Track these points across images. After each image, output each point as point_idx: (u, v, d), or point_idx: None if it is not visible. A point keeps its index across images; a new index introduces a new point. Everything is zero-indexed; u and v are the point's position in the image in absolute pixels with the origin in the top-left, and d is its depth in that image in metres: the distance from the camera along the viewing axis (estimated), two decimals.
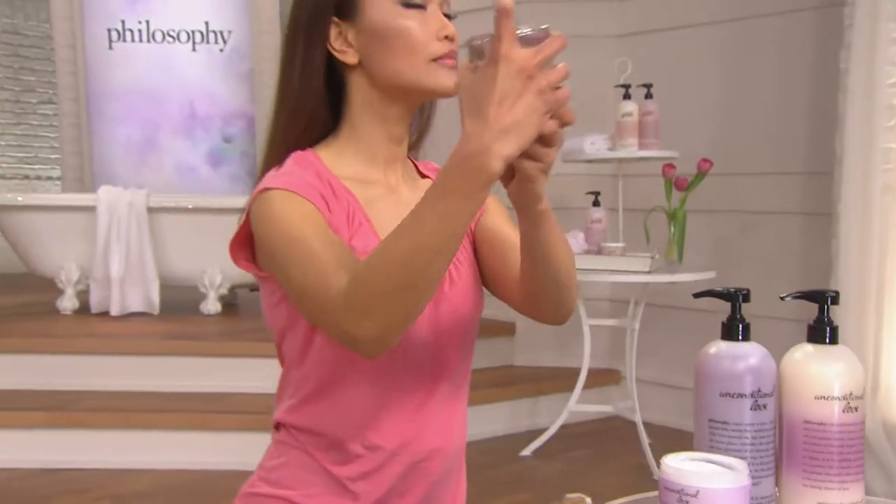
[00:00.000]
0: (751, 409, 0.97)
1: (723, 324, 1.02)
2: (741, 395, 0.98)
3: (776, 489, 1.00)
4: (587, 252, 3.42)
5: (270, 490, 1.13)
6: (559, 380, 3.95)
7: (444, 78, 1.11)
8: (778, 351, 1.10)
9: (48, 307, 4.44)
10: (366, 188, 1.14)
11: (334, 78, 1.15)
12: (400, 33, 1.09)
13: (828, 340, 0.99)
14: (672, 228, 3.47)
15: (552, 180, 3.60)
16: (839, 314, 3.09)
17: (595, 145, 3.47)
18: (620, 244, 3.41)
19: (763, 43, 3.76)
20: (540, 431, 3.68)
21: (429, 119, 1.25)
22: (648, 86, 3.49)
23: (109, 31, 5.49)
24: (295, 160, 1.11)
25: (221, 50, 5.51)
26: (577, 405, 3.59)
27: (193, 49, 5.50)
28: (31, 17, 6.56)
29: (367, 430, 1.10)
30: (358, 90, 1.14)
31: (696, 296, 1.07)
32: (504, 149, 0.85)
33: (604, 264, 3.34)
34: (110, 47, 5.49)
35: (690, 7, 3.97)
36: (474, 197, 0.88)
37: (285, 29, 1.17)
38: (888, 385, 3.11)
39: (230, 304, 4.55)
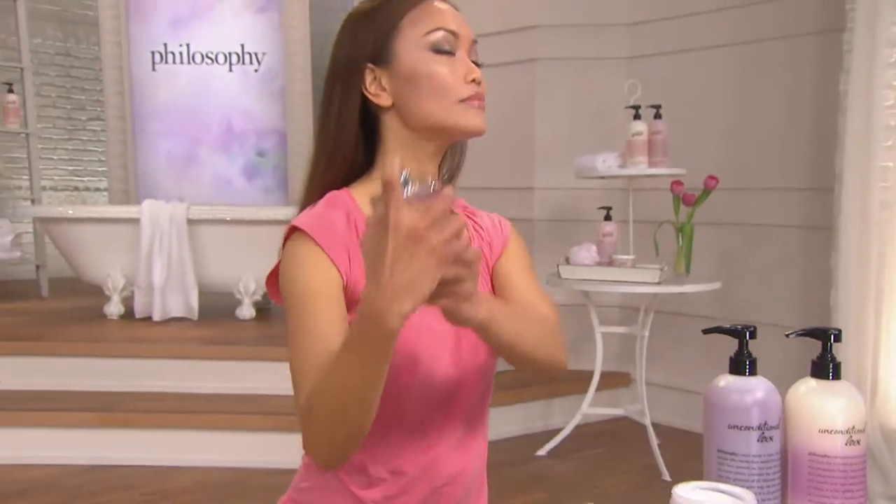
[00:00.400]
0: (758, 440, 0.97)
1: (731, 359, 1.02)
2: (748, 428, 0.98)
3: None
4: (599, 264, 3.41)
5: None
6: (573, 383, 3.93)
7: (472, 117, 1.12)
8: (783, 361, 1.09)
9: (96, 312, 4.45)
10: None
11: (370, 120, 1.16)
12: (431, 77, 1.11)
13: (831, 376, 0.99)
14: (680, 242, 3.46)
15: (568, 194, 3.59)
16: (839, 322, 3.10)
17: (607, 163, 3.46)
18: (631, 256, 3.40)
19: (767, 66, 3.74)
20: (554, 432, 3.67)
21: (460, 159, 1.26)
22: (657, 106, 3.48)
23: (153, 53, 5.52)
24: (328, 201, 1.13)
25: (256, 70, 5.52)
26: (590, 408, 3.58)
27: (230, 70, 5.51)
28: (81, 41, 6.61)
29: (390, 456, 1.10)
30: (391, 131, 1.15)
31: (706, 332, 1.08)
32: (400, 308, 0.85)
33: (615, 275, 3.33)
34: (154, 69, 5.52)
35: (697, 31, 3.96)
36: (379, 352, 0.90)
37: (325, 75, 1.18)
38: (886, 392, 3.09)
39: (263, 309, 4.55)
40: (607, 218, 3.51)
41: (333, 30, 4.96)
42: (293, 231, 1.08)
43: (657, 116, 3.47)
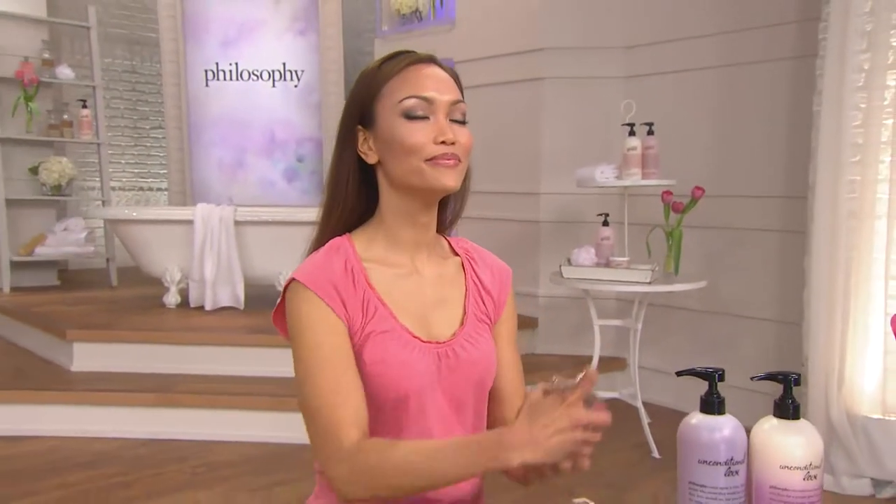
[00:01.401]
0: (725, 475, 0.95)
1: (701, 398, 0.99)
2: (716, 463, 0.95)
3: None
4: (597, 264, 3.36)
5: None
6: (574, 367, 3.90)
7: (440, 176, 1.07)
8: (759, 345, 1.04)
9: (157, 301, 4.47)
10: (390, 270, 1.12)
11: (370, 174, 1.14)
12: (401, 141, 1.07)
13: (791, 416, 0.96)
14: (670, 245, 3.41)
15: (570, 198, 3.54)
16: (811, 317, 3.05)
17: (604, 174, 3.41)
18: (626, 258, 3.35)
19: (749, 87, 3.67)
20: None
21: (460, 207, 1.21)
22: (650, 124, 3.42)
23: (206, 71, 5.53)
24: (329, 248, 1.12)
25: (296, 86, 5.52)
26: None
27: (273, 85, 5.51)
28: (145, 60, 6.63)
29: None
30: (383, 185, 1.13)
31: (679, 374, 1.04)
32: (527, 456, 0.92)
33: (611, 276, 3.29)
34: (207, 85, 5.53)
35: (687, 54, 3.89)
36: (485, 467, 0.95)
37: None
38: (851, 380, 3.03)
39: None
40: (605, 223, 3.46)
41: (364, 49, 4.95)
42: (293, 281, 1.08)
43: (650, 133, 3.41)
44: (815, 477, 0.93)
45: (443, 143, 1.07)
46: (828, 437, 3.03)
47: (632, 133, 3.40)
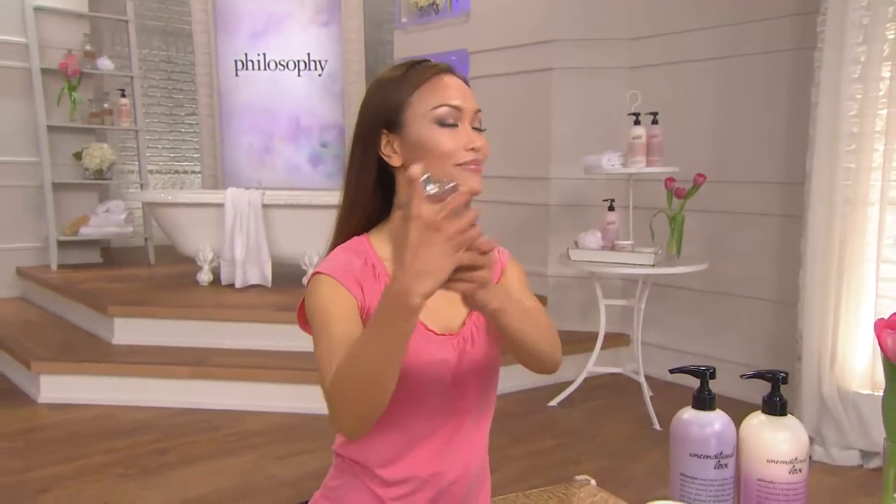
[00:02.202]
0: (714, 467, 0.94)
1: (694, 396, 0.98)
2: (707, 456, 0.94)
3: None
4: (603, 248, 3.35)
5: None
6: (582, 342, 3.88)
7: (469, 180, 1.06)
8: (749, 326, 1.02)
9: (190, 278, 4.50)
10: None
11: (387, 176, 1.12)
12: (435, 146, 1.06)
13: (778, 413, 0.95)
14: (672, 229, 3.38)
15: (578, 183, 3.51)
16: (806, 297, 3.02)
17: (611, 162, 3.38)
18: (630, 242, 3.33)
19: (750, 78, 3.61)
20: (565, 384, 3.64)
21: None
22: (654, 113, 3.38)
23: (236, 61, 5.52)
24: (349, 245, 1.11)
25: (320, 75, 5.49)
26: (594, 366, 3.54)
27: (298, 75, 5.49)
28: (180, 50, 6.63)
29: (401, 463, 1.08)
30: (402, 186, 1.11)
31: (672, 371, 1.03)
32: (421, 288, 0.83)
33: (616, 258, 3.27)
34: (236, 74, 5.52)
35: (690, 46, 3.83)
36: (402, 327, 0.87)
37: (352, 143, 1.14)
38: (843, 357, 3.00)
39: None
40: (611, 208, 3.44)
41: (384, 39, 4.91)
42: (315, 275, 1.07)
43: (654, 122, 3.37)
44: (800, 470, 0.92)
45: (472, 149, 1.07)
46: (819, 411, 3.02)
47: (637, 122, 3.36)
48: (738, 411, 0.97)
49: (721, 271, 3.71)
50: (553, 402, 3.53)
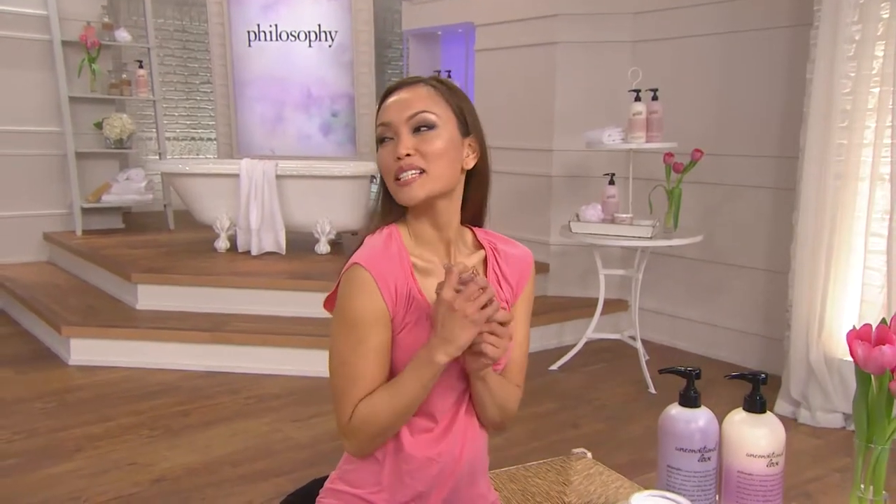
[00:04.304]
0: (698, 460, 0.98)
1: (680, 394, 1.02)
2: (691, 450, 0.98)
3: None
4: (603, 221, 3.36)
5: (345, 487, 1.17)
6: (582, 309, 3.94)
7: (399, 193, 1.10)
8: (742, 298, 1.06)
9: (208, 245, 4.54)
10: (425, 263, 1.14)
11: None
12: (379, 164, 1.12)
13: (758, 410, 0.99)
14: (670, 202, 3.39)
15: (580, 155, 3.54)
16: (796, 268, 3.05)
17: (611, 137, 3.38)
18: (629, 215, 3.35)
19: (747, 54, 3.58)
20: (566, 349, 3.69)
21: (483, 200, 1.20)
22: (654, 90, 3.36)
23: (249, 32, 5.47)
24: (385, 237, 1.12)
25: (330, 45, 5.44)
26: (594, 333, 3.59)
27: (309, 45, 5.45)
28: (194, 20, 6.56)
29: (409, 445, 1.12)
30: None
31: (661, 371, 1.06)
32: (445, 351, 1.02)
33: (615, 231, 3.29)
34: (249, 45, 5.48)
35: (690, 21, 3.79)
36: (428, 379, 1.05)
37: None
38: (830, 327, 3.04)
39: (337, 243, 4.60)
40: (611, 182, 3.44)
41: (393, 8, 4.86)
42: (353, 266, 1.08)
43: (654, 98, 3.36)
44: (776, 463, 0.97)
45: (398, 158, 1.08)
46: (807, 376, 3.07)
47: (637, 99, 3.35)
48: (730, 393, 1.01)
49: (716, 241, 3.73)
50: (554, 367, 3.59)
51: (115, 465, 2.54)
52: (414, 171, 1.07)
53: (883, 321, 0.90)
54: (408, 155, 1.07)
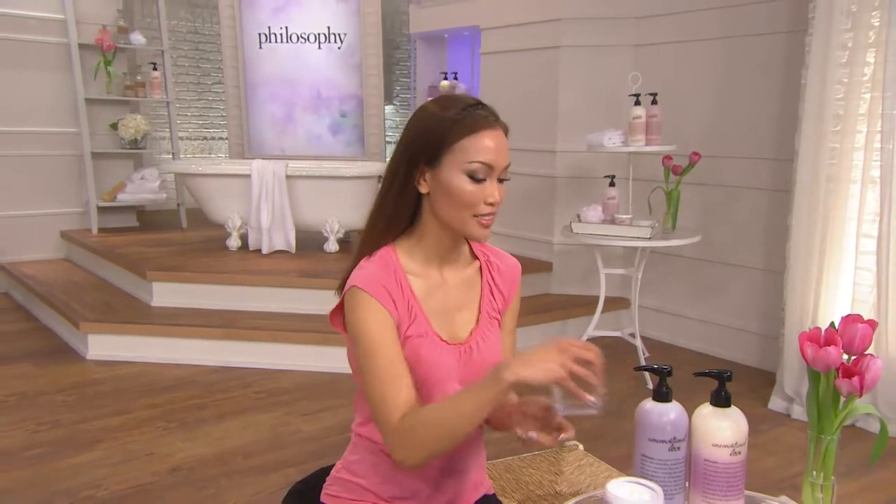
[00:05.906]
0: (669, 450, 1.07)
1: (653, 390, 1.11)
2: (663, 441, 1.08)
3: (686, 503, 1.11)
4: (604, 221, 3.45)
5: (350, 477, 1.25)
6: (584, 306, 4.01)
7: (480, 230, 1.17)
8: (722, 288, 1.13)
9: (220, 243, 4.64)
10: (424, 280, 1.20)
11: (414, 194, 1.20)
12: (459, 195, 1.14)
13: (723, 405, 1.08)
14: (668, 204, 3.48)
15: (583, 156, 3.65)
16: (790, 266, 3.12)
17: (612, 140, 3.46)
18: (629, 216, 3.43)
19: (745, 58, 3.65)
20: None
21: None
22: (654, 94, 3.44)
23: (260, 34, 5.56)
24: (380, 259, 1.18)
25: (339, 48, 5.54)
26: (595, 330, 3.66)
27: (319, 47, 5.54)
28: (206, 21, 6.68)
29: None
30: (427, 212, 1.20)
31: (636, 369, 1.16)
32: (520, 372, 1.02)
33: (615, 231, 3.38)
34: (260, 47, 5.58)
35: (690, 26, 3.86)
36: (491, 394, 1.04)
37: (393, 157, 1.20)
38: (823, 323, 3.11)
39: (345, 242, 4.69)
40: (611, 184, 3.52)
41: (400, 9, 4.96)
42: (352, 289, 1.14)
43: (654, 102, 3.44)
44: (739, 453, 1.06)
45: (490, 203, 1.16)
46: (801, 374, 3.14)
47: (637, 103, 3.43)
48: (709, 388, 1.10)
49: (714, 240, 3.82)
50: None
51: (134, 456, 2.66)
52: (492, 216, 1.18)
53: (832, 325, 0.99)
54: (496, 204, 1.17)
